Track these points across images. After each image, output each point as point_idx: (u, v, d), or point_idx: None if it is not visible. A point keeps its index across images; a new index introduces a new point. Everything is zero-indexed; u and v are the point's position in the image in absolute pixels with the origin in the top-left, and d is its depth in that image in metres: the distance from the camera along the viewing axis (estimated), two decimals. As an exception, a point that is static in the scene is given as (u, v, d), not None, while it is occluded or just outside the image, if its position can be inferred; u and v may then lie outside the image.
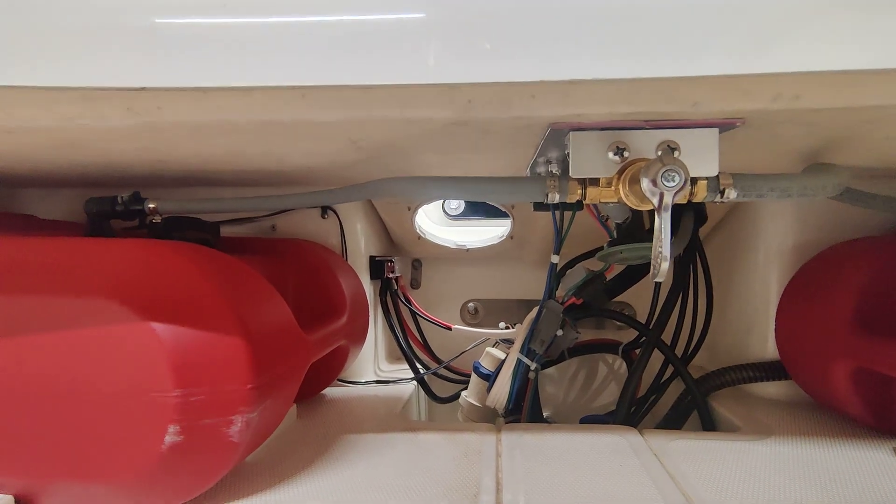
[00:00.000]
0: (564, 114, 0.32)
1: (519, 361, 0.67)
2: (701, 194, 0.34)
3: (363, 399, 0.77)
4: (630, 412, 0.71)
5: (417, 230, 0.93)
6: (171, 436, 0.41)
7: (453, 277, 1.03)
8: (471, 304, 1.00)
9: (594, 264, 0.76)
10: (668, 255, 0.30)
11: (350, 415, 0.70)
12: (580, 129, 0.34)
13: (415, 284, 1.03)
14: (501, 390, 0.67)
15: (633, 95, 0.30)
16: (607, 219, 0.54)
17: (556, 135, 0.37)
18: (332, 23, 0.30)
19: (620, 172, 0.34)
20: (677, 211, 0.62)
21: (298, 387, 0.53)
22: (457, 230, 1.01)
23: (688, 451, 0.58)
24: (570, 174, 0.35)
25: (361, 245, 0.85)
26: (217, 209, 0.61)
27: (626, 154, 0.34)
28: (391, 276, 0.89)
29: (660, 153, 0.33)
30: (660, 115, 0.32)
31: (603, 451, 0.58)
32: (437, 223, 1.05)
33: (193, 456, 0.43)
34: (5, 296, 0.43)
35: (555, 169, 0.48)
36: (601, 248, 0.77)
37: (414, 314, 0.94)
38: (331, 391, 0.80)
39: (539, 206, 0.67)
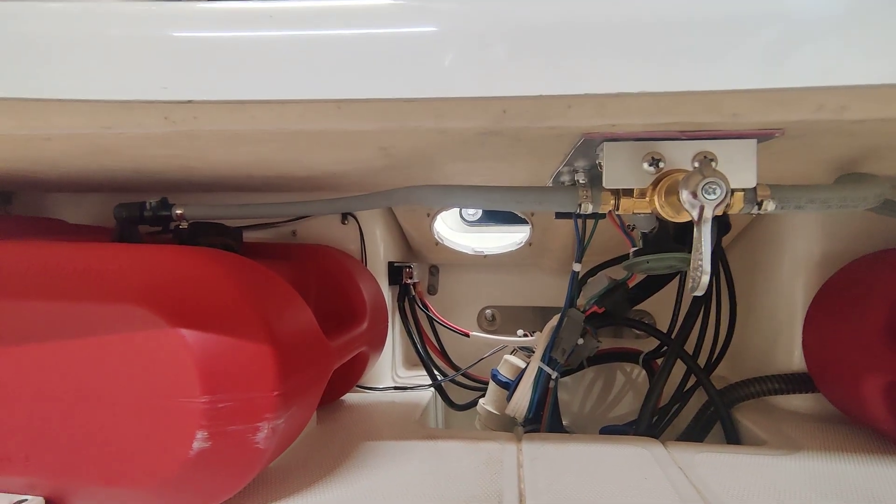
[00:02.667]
0: (599, 124, 0.32)
1: (540, 370, 0.66)
2: (737, 206, 0.33)
3: (382, 405, 0.77)
4: (652, 423, 0.70)
5: (436, 236, 0.93)
6: (198, 441, 0.41)
7: (470, 284, 1.03)
8: (488, 311, 0.99)
9: (615, 273, 0.75)
10: (708, 268, 0.30)
11: (369, 421, 0.70)
12: (614, 139, 0.34)
13: (432, 290, 1.03)
14: (522, 399, 0.67)
15: (672, 107, 0.30)
16: (633, 228, 0.53)
17: (588, 144, 0.36)
18: (369, 36, 0.30)
19: (655, 183, 0.34)
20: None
21: (321, 393, 0.54)
22: (474, 236, 1.01)
23: (713, 464, 0.57)
24: (604, 185, 0.35)
25: (380, 251, 0.86)
26: (243, 215, 0.62)
27: (661, 165, 0.33)
28: (409, 281, 0.89)
29: (696, 164, 0.33)
30: (697, 126, 0.32)
31: (626, 463, 0.57)
32: (454, 229, 1.05)
33: (220, 462, 0.43)
34: (38, 301, 0.44)
35: (581, 178, 0.48)
36: (623, 257, 0.76)
37: (431, 320, 0.94)
38: (349, 397, 0.80)
39: (561, 214, 0.67)
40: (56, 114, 0.35)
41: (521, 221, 1.02)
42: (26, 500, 0.44)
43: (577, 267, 0.67)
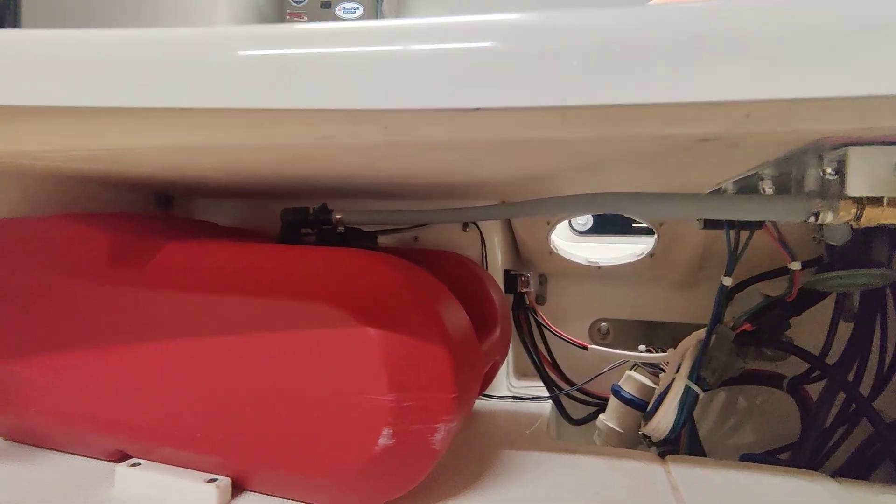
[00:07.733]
0: (853, 127, 0.30)
1: (688, 389, 0.63)
2: None
3: (506, 414, 0.76)
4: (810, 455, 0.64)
5: (551, 245, 0.92)
6: (384, 438, 0.43)
7: (580, 295, 1.00)
8: (603, 324, 0.96)
9: (765, 287, 0.70)
10: None
11: (500, 430, 0.69)
12: (860, 143, 0.32)
13: (540, 300, 1.01)
14: (665, 419, 0.63)
15: (955, 107, 0.27)
16: (819, 240, 0.49)
17: (814, 149, 0.34)
18: (615, 39, 0.30)
19: (916, 192, 0.31)
20: (869, 233, 0.56)
21: (476, 398, 0.54)
22: (588, 246, 0.99)
23: (904, 507, 0.51)
24: (848, 192, 0.33)
25: (498, 259, 0.86)
26: (399, 221, 0.64)
27: (925, 172, 0.31)
28: (525, 290, 0.89)
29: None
30: (978, 128, 0.29)
31: (798, 498, 0.52)
32: (563, 238, 1.04)
33: (400, 460, 0.44)
34: (238, 297, 0.48)
35: (768, 186, 0.45)
36: (777, 271, 0.71)
37: (542, 331, 0.92)
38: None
39: (710, 223, 0.63)
40: (289, 123, 0.37)
41: (637, 232, 0.98)
42: (217, 479, 0.48)
43: (727, 281, 0.63)
